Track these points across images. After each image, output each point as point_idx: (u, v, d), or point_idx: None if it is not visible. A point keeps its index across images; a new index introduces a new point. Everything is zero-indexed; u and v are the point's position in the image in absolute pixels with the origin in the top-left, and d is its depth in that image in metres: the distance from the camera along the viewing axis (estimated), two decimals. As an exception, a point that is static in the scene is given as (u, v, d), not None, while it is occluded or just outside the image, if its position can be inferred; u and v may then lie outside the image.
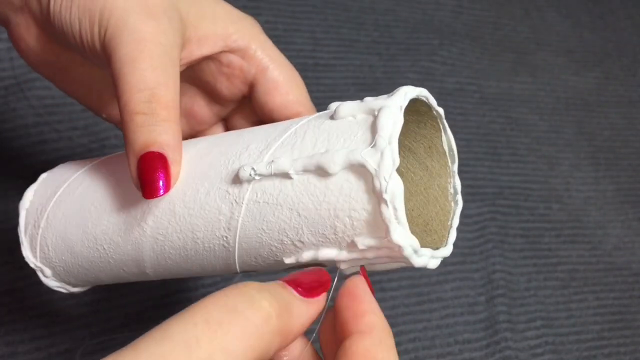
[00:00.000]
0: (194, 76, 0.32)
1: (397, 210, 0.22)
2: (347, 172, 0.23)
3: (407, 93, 0.24)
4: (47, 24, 0.28)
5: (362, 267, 0.25)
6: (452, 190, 0.27)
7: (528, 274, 0.56)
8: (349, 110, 0.24)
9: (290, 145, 0.25)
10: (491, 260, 0.54)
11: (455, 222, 0.26)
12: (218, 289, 0.23)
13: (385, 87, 0.60)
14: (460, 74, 0.63)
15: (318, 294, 0.22)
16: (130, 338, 0.20)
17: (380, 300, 0.50)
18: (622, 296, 0.57)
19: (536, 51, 0.69)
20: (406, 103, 0.24)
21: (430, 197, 0.27)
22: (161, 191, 0.26)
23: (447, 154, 0.27)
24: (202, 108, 0.33)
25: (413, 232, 0.24)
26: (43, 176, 0.34)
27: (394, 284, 0.51)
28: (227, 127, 0.35)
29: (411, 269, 0.53)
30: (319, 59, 0.59)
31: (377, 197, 0.22)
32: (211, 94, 0.33)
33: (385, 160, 0.22)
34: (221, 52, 0.30)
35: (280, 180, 0.24)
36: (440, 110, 0.26)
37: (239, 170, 0.25)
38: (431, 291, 0.52)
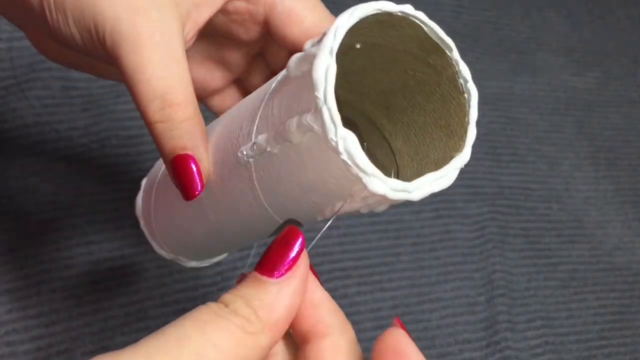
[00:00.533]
0: (209, 36, 0.32)
1: (359, 162, 0.21)
2: (308, 138, 0.22)
3: (338, 28, 0.23)
4: (54, 37, 0.29)
5: (396, 318, 0.24)
6: (461, 81, 0.26)
7: (528, 274, 0.56)
8: (295, 65, 0.23)
9: (265, 119, 0.25)
10: (491, 260, 0.54)
11: (473, 116, 0.25)
12: (218, 289, 0.23)
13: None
14: (460, 74, 0.63)
15: (288, 269, 0.21)
16: (131, 339, 0.20)
17: (380, 300, 0.50)
18: (622, 296, 0.57)
19: (536, 51, 0.69)
20: (337, 44, 0.22)
21: (445, 94, 0.26)
22: (197, 190, 0.26)
23: (442, 45, 0.25)
24: (215, 73, 0.33)
25: (435, 137, 0.24)
26: (144, 181, 0.38)
27: (393, 283, 0.51)
28: (243, 87, 0.35)
29: (412, 269, 0.53)
30: (319, 59, 0.59)
31: (338, 156, 0.22)
32: (231, 45, 0.32)
33: (326, 122, 0.21)
34: (224, 3, 0.29)
35: (268, 157, 0.24)
36: (408, 9, 0.25)
37: (238, 155, 0.25)
38: (431, 291, 0.52)
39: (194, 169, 0.26)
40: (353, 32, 0.24)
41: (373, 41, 0.25)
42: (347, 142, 0.21)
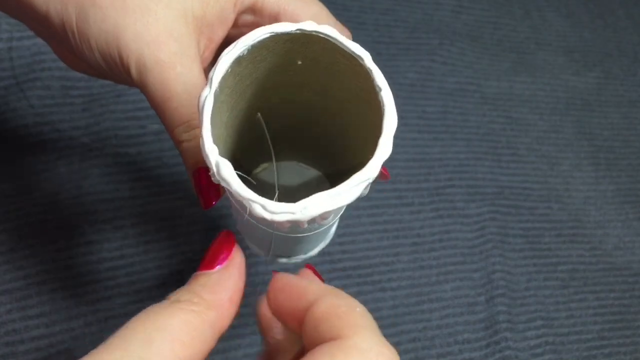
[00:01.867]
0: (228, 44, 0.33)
1: (236, 189, 0.23)
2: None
3: (220, 59, 0.24)
4: (79, 58, 0.30)
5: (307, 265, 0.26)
6: (377, 88, 0.25)
7: (528, 274, 0.56)
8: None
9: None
10: (491, 260, 0.54)
11: (387, 126, 0.24)
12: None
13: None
14: (460, 73, 0.63)
15: (224, 259, 0.24)
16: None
17: (380, 300, 0.50)
18: (623, 296, 0.57)
19: (536, 51, 0.69)
20: (217, 78, 0.24)
21: (372, 104, 0.26)
22: (214, 200, 0.29)
23: (354, 55, 0.25)
24: None
25: (368, 151, 0.24)
26: None
27: (393, 283, 0.51)
28: None
29: (412, 269, 0.53)
30: (319, 59, 0.59)
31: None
32: None
33: (208, 155, 0.23)
34: (235, 19, 0.31)
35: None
36: (307, 26, 0.25)
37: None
38: (431, 291, 0.52)
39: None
40: (289, 49, 0.25)
41: (312, 56, 0.26)
42: (221, 169, 0.22)
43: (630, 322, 0.56)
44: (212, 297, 0.23)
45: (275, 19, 0.30)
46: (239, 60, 0.25)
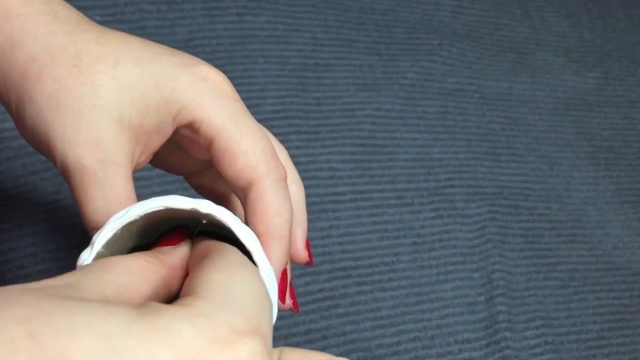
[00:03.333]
0: (172, 144, 0.33)
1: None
2: None
3: (93, 244, 0.27)
4: None
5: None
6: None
7: (528, 274, 0.56)
8: None
9: None
10: (491, 260, 0.54)
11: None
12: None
13: (385, 87, 0.60)
14: (460, 74, 0.63)
15: (177, 242, 0.27)
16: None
17: (380, 300, 0.50)
18: (622, 296, 0.57)
19: (536, 51, 0.69)
20: (92, 255, 0.26)
21: None
22: None
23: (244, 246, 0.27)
24: (188, 161, 0.34)
25: None
26: None
27: (393, 283, 0.51)
28: None
29: (412, 268, 0.53)
30: (319, 59, 0.59)
31: None
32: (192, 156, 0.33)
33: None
34: (173, 131, 0.30)
35: None
36: (204, 208, 0.27)
37: None
38: (431, 291, 0.52)
39: None
40: (189, 215, 0.27)
41: (215, 222, 0.27)
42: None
43: (629, 322, 0.56)
44: (166, 257, 0.25)
45: (209, 143, 0.29)
46: (131, 222, 0.26)
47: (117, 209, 0.28)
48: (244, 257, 0.23)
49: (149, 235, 0.29)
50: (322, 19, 0.61)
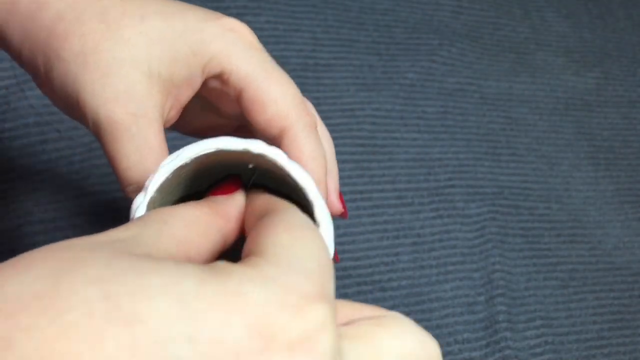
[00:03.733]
0: (199, 102, 0.32)
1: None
2: None
3: (151, 181, 0.25)
4: None
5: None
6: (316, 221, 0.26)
7: (528, 274, 0.56)
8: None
9: None
10: (491, 260, 0.54)
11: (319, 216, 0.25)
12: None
13: (385, 87, 0.60)
14: (460, 74, 0.63)
15: (231, 191, 0.26)
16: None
17: (380, 300, 0.50)
18: (622, 296, 0.57)
19: (536, 51, 0.69)
20: (150, 193, 0.25)
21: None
22: None
23: (298, 185, 0.26)
24: (217, 120, 0.34)
25: None
26: None
27: (393, 283, 0.51)
28: None
29: (412, 268, 0.53)
30: (319, 59, 0.59)
31: None
32: (221, 112, 0.33)
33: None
34: (202, 83, 0.30)
35: None
36: (256, 148, 0.25)
37: None
38: (431, 291, 0.52)
39: None
40: (238, 156, 0.26)
41: (263, 164, 0.26)
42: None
43: (629, 322, 0.56)
44: (222, 207, 0.24)
45: (239, 93, 0.29)
46: (182, 167, 0.25)
47: (152, 164, 0.28)
48: (307, 218, 0.22)
49: (197, 184, 0.28)
50: (322, 19, 0.61)
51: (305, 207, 0.25)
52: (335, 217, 0.33)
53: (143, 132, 0.28)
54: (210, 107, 0.33)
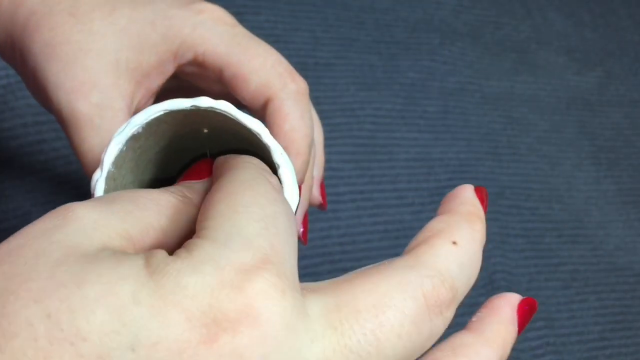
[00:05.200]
0: (179, 82, 0.32)
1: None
2: None
3: (112, 140, 0.24)
4: None
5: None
6: (275, 165, 0.24)
7: (529, 275, 0.55)
8: None
9: None
10: (492, 260, 0.54)
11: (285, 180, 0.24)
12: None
13: (386, 87, 0.60)
14: (461, 73, 0.63)
15: (206, 175, 0.24)
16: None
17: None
18: (624, 297, 0.57)
19: (537, 50, 0.69)
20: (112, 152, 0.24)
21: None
22: None
23: (252, 131, 0.24)
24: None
25: None
26: None
27: (394, 284, 0.51)
28: None
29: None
30: (319, 58, 0.59)
31: None
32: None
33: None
34: (174, 70, 0.30)
35: None
36: (203, 103, 0.24)
37: None
38: (432, 292, 0.52)
39: None
40: (191, 120, 0.25)
41: (218, 125, 0.25)
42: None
43: (631, 322, 0.56)
44: (196, 196, 0.22)
45: (219, 73, 0.29)
46: (135, 137, 0.24)
47: None
48: (258, 169, 0.21)
49: (171, 168, 0.28)
50: (322, 18, 0.61)
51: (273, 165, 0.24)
52: (315, 208, 0.32)
53: (107, 123, 0.27)
54: (199, 93, 0.32)
